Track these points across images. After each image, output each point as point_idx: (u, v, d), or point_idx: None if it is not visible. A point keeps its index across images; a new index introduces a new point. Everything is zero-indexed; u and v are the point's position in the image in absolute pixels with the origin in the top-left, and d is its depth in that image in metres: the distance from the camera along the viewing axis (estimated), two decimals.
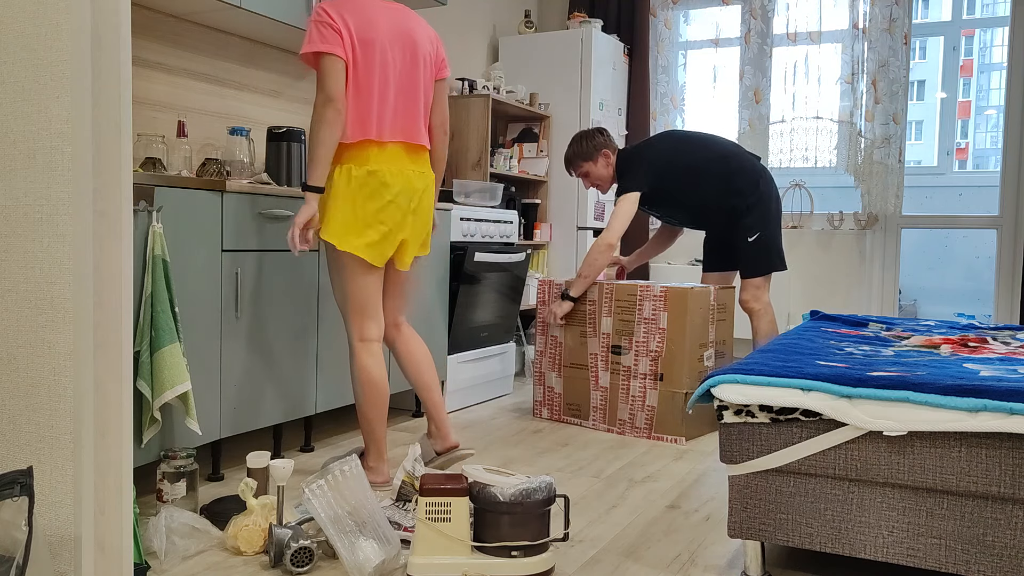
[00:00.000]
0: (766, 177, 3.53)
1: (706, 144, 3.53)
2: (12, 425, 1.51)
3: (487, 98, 4.39)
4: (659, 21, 5.25)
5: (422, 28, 2.57)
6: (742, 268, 3.55)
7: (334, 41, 2.33)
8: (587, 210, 4.83)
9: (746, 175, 3.47)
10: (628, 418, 3.34)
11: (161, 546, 1.98)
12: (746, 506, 1.89)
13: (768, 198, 3.50)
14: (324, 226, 2.42)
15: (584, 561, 2.04)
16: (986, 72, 6.93)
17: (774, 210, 3.52)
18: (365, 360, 2.51)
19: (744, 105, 5.02)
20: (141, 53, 2.95)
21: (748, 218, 3.47)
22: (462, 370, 3.71)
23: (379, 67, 2.41)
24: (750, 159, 3.54)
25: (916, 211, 4.89)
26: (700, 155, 3.48)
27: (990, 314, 4.69)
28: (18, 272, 1.50)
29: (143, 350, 2.19)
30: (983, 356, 2.19)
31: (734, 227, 3.52)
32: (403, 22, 2.50)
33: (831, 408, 1.76)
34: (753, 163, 3.53)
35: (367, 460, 2.60)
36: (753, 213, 3.48)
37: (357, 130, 2.39)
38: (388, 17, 2.46)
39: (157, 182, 2.27)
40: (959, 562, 1.71)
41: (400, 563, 1.98)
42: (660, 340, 3.26)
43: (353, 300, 2.49)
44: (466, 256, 3.51)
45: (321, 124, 2.32)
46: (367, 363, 2.51)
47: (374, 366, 2.51)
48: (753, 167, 3.50)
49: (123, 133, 1.51)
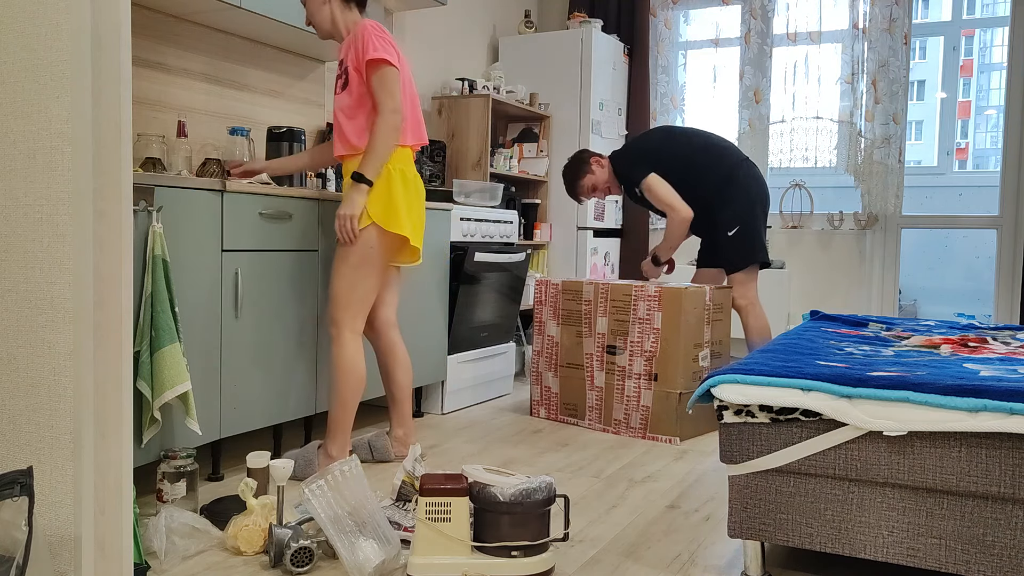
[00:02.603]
0: (746, 171, 3.54)
1: (689, 138, 3.60)
2: (12, 425, 1.51)
3: (487, 98, 4.39)
4: (659, 21, 5.25)
5: None
6: (724, 263, 3.59)
7: (392, 54, 2.56)
8: (587, 210, 4.83)
9: (719, 169, 3.52)
10: (623, 418, 3.34)
11: (161, 546, 1.98)
12: (746, 506, 1.89)
13: (747, 191, 3.52)
14: (374, 213, 2.57)
15: (584, 561, 2.04)
16: (986, 72, 6.93)
17: (755, 203, 3.54)
18: (355, 352, 2.63)
19: (744, 105, 5.02)
20: (141, 53, 2.95)
21: (725, 212, 3.52)
22: (462, 370, 3.71)
23: (405, 78, 2.68)
24: (730, 154, 3.56)
25: (916, 211, 4.89)
26: (682, 149, 3.58)
27: (990, 314, 4.69)
28: (18, 272, 1.50)
29: (143, 350, 2.19)
30: (983, 356, 2.19)
31: (713, 222, 3.55)
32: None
33: (831, 408, 1.76)
34: (731, 158, 3.55)
35: (330, 449, 2.66)
36: (730, 207, 3.51)
37: (406, 135, 2.68)
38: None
39: (157, 182, 2.27)
40: (959, 562, 1.71)
41: (400, 563, 1.98)
42: (655, 340, 3.27)
43: (360, 294, 2.61)
44: (466, 256, 3.51)
45: (392, 131, 2.53)
46: (356, 354, 2.63)
47: (360, 358, 2.65)
48: (729, 162, 3.53)
49: (123, 133, 1.51)
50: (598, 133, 4.88)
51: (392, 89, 2.52)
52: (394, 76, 2.53)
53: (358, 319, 2.62)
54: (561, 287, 3.54)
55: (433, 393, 3.64)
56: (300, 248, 2.79)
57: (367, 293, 2.61)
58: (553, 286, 3.57)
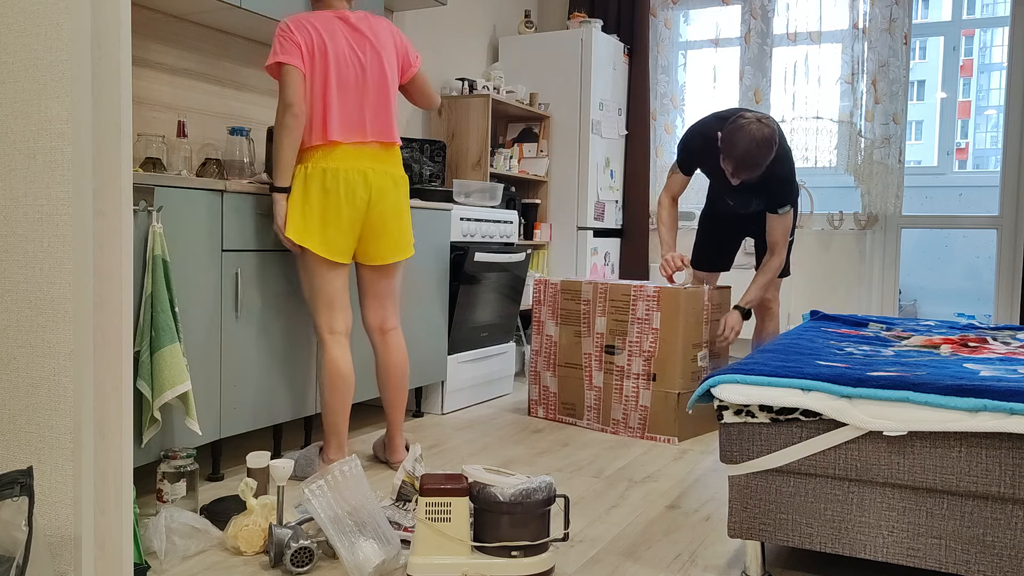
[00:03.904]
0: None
1: None
2: (12, 425, 1.51)
3: (487, 98, 4.39)
4: (659, 21, 5.25)
5: (385, 32, 2.67)
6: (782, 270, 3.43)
7: (293, 52, 2.48)
8: (587, 210, 4.83)
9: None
10: (621, 418, 3.34)
11: (161, 546, 1.98)
12: (746, 506, 1.89)
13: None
14: (287, 224, 2.52)
15: (584, 561, 2.04)
16: (986, 72, 6.92)
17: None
18: (335, 352, 2.60)
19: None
20: (141, 53, 2.95)
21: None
22: (462, 370, 3.71)
23: (335, 74, 2.54)
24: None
25: (916, 211, 4.89)
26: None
27: (990, 314, 4.69)
28: (18, 272, 1.50)
29: (143, 350, 2.19)
30: (983, 356, 2.19)
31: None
32: (363, 29, 2.61)
33: (831, 408, 1.76)
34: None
35: (327, 453, 2.65)
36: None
37: (315, 134, 2.53)
38: (346, 27, 2.59)
39: (157, 182, 2.27)
40: (959, 562, 1.71)
41: (400, 563, 1.98)
42: (653, 340, 3.27)
43: (321, 295, 2.58)
44: (466, 256, 3.51)
45: (281, 129, 2.47)
46: (336, 355, 2.60)
47: (342, 359, 2.60)
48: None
49: (123, 133, 1.51)
50: (598, 133, 4.88)
51: (282, 89, 2.47)
52: (287, 75, 2.46)
53: (332, 320, 2.59)
54: (560, 287, 3.54)
55: (433, 393, 3.64)
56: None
57: (324, 294, 2.57)
58: (552, 286, 3.57)
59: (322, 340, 2.61)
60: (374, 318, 2.75)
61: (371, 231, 2.60)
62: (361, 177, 2.54)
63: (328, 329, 2.60)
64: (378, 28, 2.64)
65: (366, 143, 2.58)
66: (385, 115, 2.62)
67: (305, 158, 2.54)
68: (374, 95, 2.59)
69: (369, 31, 2.61)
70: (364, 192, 2.54)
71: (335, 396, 2.60)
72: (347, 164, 2.52)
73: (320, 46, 2.51)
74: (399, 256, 2.68)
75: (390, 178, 2.61)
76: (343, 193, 2.51)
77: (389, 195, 2.61)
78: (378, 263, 2.66)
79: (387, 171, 2.60)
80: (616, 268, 5.24)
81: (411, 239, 2.72)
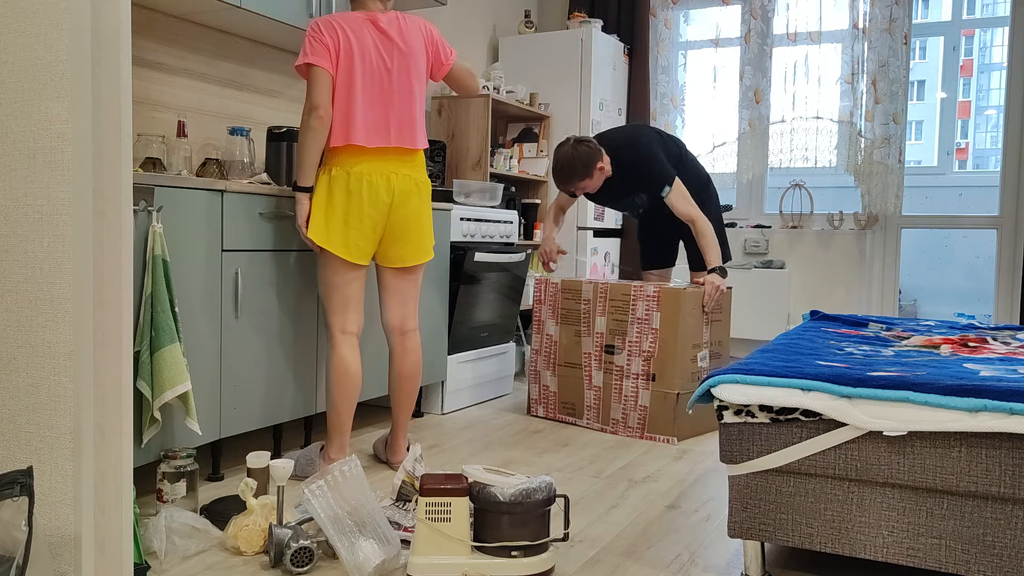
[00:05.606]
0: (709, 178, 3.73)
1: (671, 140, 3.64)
2: (12, 425, 1.51)
3: (487, 98, 4.39)
4: (659, 21, 5.25)
5: (415, 35, 2.65)
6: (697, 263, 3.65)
7: (322, 54, 2.49)
8: (587, 210, 4.83)
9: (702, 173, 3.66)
10: (621, 417, 3.34)
11: (161, 546, 1.98)
12: (746, 506, 1.89)
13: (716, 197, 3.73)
14: (310, 225, 2.55)
15: (584, 561, 2.04)
16: (986, 72, 6.92)
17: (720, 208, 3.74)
18: (344, 352, 2.61)
19: (744, 105, 5.02)
20: (141, 53, 2.95)
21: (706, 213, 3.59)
22: (462, 370, 3.71)
23: (361, 78, 2.53)
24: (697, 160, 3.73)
25: (916, 211, 4.89)
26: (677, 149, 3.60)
27: (990, 314, 4.69)
28: (18, 272, 1.50)
29: (143, 350, 2.19)
30: (983, 356, 2.19)
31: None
32: (391, 34, 2.59)
33: (831, 408, 1.76)
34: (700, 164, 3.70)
35: (329, 452, 2.65)
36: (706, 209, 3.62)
37: (339, 136, 2.53)
38: (375, 30, 2.57)
39: (157, 182, 2.27)
40: (959, 562, 1.71)
41: (400, 563, 1.98)
42: (653, 340, 3.27)
43: (338, 295, 2.60)
44: (466, 256, 3.51)
45: (306, 130, 2.49)
46: (346, 355, 2.61)
47: (352, 359, 2.62)
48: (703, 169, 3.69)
49: (123, 133, 1.51)
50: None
51: (309, 90, 2.50)
52: (315, 76, 2.48)
53: (345, 320, 2.60)
54: (560, 286, 3.54)
55: (433, 393, 3.64)
56: (300, 248, 2.79)
57: (341, 295, 2.59)
58: (552, 285, 3.57)
59: (333, 339, 2.61)
60: (394, 319, 2.76)
61: (393, 234, 2.62)
62: (384, 180, 2.55)
63: (341, 329, 2.61)
64: (408, 31, 2.62)
65: (389, 147, 2.59)
66: (409, 120, 2.62)
67: (329, 160, 2.56)
68: (399, 100, 2.60)
69: (398, 35, 2.59)
70: (387, 195, 2.56)
71: (341, 396, 2.61)
72: (371, 167, 2.54)
73: (347, 49, 2.52)
74: (420, 259, 2.70)
75: (413, 182, 2.62)
76: (366, 196, 2.53)
77: (412, 199, 2.62)
78: (399, 265, 2.69)
79: (410, 175, 2.62)
80: (616, 268, 5.24)
81: (432, 242, 2.73)
